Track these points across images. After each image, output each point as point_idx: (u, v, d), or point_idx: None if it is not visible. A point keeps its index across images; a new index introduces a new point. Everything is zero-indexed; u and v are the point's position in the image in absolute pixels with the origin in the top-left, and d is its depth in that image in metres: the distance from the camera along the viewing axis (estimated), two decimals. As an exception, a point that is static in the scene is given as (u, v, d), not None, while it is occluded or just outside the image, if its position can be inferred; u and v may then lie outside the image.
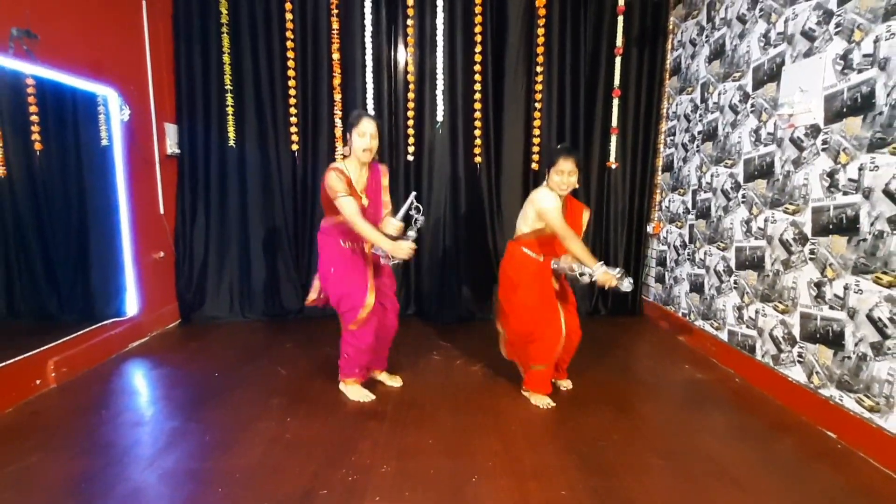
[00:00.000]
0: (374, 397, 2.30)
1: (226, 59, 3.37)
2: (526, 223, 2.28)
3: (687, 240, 3.22)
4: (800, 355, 2.22)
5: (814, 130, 2.15)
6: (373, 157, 2.19)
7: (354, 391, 2.33)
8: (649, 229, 3.67)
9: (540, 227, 2.24)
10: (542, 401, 2.26)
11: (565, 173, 2.14)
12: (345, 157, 2.35)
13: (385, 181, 2.30)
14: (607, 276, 2.09)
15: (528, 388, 2.33)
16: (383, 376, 2.51)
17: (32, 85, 2.38)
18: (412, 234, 2.12)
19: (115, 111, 2.83)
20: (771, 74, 2.44)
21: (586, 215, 2.34)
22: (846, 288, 1.97)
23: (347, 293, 2.20)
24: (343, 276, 2.21)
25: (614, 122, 3.60)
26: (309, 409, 2.18)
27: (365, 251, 2.26)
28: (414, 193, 2.18)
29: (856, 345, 1.92)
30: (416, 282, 3.71)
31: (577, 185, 2.20)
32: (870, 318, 1.86)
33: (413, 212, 2.15)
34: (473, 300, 3.67)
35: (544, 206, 2.16)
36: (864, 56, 1.91)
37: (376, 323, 2.25)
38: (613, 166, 3.66)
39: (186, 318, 3.49)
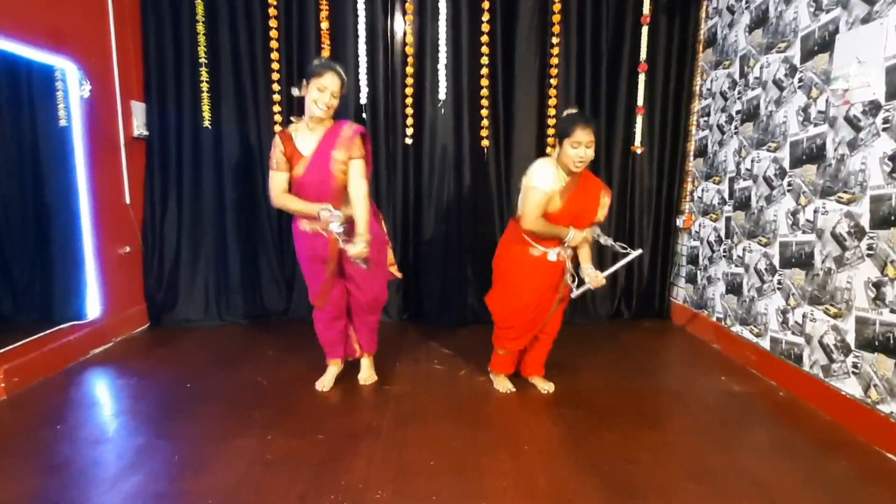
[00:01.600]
0: (326, 388, 2.48)
1: (200, 28, 3.33)
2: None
3: (723, 234, 3.18)
4: (855, 366, 2.17)
5: (873, 107, 2.10)
6: (329, 115, 2.19)
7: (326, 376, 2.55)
8: (679, 223, 3.62)
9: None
10: (502, 384, 2.50)
11: (582, 145, 2.09)
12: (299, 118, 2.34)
13: (346, 144, 2.15)
14: (580, 233, 2.22)
15: (491, 368, 2.58)
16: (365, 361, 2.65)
17: (-20, 56, 2.35)
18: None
19: (74, 87, 2.79)
20: (822, 44, 2.38)
21: (606, 199, 2.27)
22: (909, 288, 1.92)
23: (308, 283, 2.42)
24: (303, 266, 2.40)
25: (640, 101, 3.55)
26: (293, 424, 2.15)
27: (326, 237, 2.22)
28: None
29: (921, 353, 1.87)
30: (414, 279, 3.67)
31: (592, 158, 2.15)
32: (937, 322, 1.81)
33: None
34: (479, 300, 3.62)
35: (532, 184, 2.16)
36: (933, 20, 1.85)
37: (330, 314, 2.44)
38: (639, 151, 3.61)
39: (156, 320, 3.46)
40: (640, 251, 2.24)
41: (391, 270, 2.55)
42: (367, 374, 2.60)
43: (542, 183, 2.14)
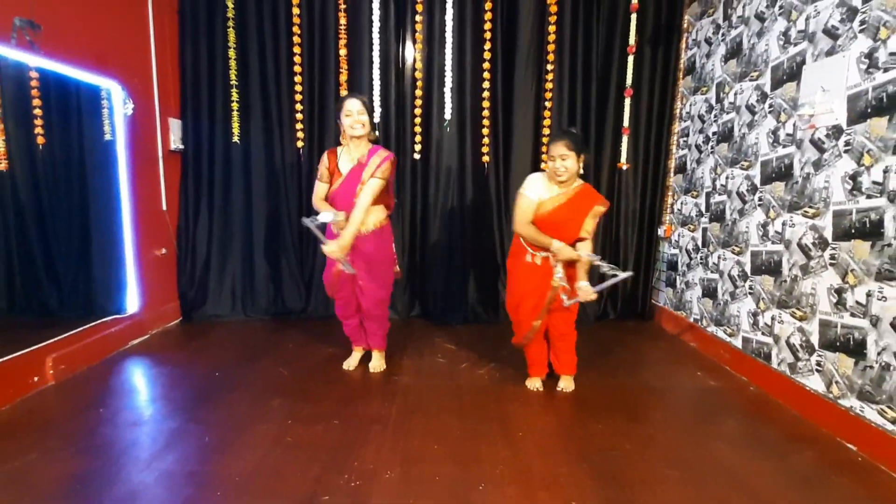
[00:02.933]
0: (351, 368, 2.61)
1: (231, 53, 3.36)
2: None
3: (700, 243, 3.17)
4: (818, 364, 2.17)
5: (836, 131, 2.10)
6: (365, 135, 2.29)
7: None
8: (660, 232, 3.62)
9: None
10: (531, 383, 2.47)
11: (556, 158, 2.14)
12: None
13: (372, 169, 2.27)
14: (567, 249, 2.19)
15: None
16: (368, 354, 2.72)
17: (36, 77, 2.37)
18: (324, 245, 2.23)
19: (118, 105, 2.82)
20: (791, 73, 2.39)
21: (597, 210, 2.23)
22: (869, 295, 1.91)
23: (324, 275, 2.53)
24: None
25: (626, 122, 3.55)
26: (311, 412, 2.15)
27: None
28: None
29: (879, 354, 1.87)
30: (420, 282, 3.67)
31: (575, 171, 2.17)
32: (894, 326, 1.81)
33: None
34: (480, 302, 3.63)
35: (521, 191, 2.24)
36: (891, 55, 1.86)
37: (340, 312, 2.57)
38: (625, 167, 3.61)
39: (188, 316, 3.47)
40: (630, 273, 2.21)
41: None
42: (376, 363, 2.64)
43: (530, 191, 2.23)
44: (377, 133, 3.45)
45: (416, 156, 3.52)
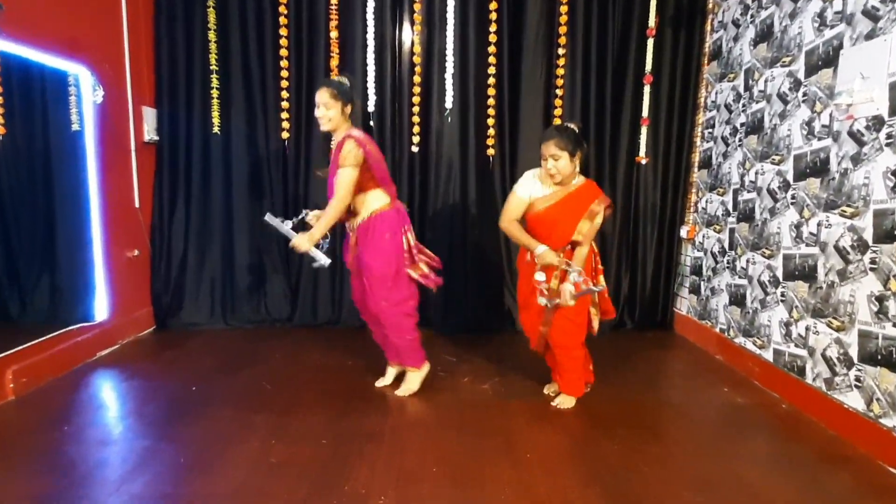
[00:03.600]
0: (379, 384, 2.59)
1: (211, 36, 3.38)
2: None
3: (727, 246, 3.18)
4: (857, 379, 2.17)
5: (876, 122, 2.10)
6: (335, 128, 2.33)
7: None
8: (683, 233, 3.62)
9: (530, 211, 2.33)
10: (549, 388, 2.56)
11: (547, 158, 2.19)
12: None
13: (342, 153, 2.25)
14: (550, 255, 2.23)
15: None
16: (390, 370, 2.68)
17: (-3, 61, 2.39)
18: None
19: (87, 92, 2.83)
20: (826, 59, 2.40)
21: (594, 209, 2.23)
22: (912, 302, 1.92)
23: None
24: None
25: (645, 112, 3.56)
26: (297, 429, 2.15)
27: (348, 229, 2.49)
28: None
29: (923, 368, 1.87)
30: (418, 287, 3.66)
31: (570, 171, 2.21)
32: (940, 337, 1.81)
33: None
34: (483, 308, 3.63)
35: (513, 189, 2.34)
36: (936, 38, 1.87)
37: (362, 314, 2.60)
38: (643, 161, 3.62)
39: (162, 323, 3.48)
40: (602, 287, 2.35)
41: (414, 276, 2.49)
42: (405, 385, 2.53)
43: (521, 190, 2.31)
44: (371, 123, 3.46)
45: (415, 148, 3.53)
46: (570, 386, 2.44)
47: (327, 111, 2.28)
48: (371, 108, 3.45)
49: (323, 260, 2.32)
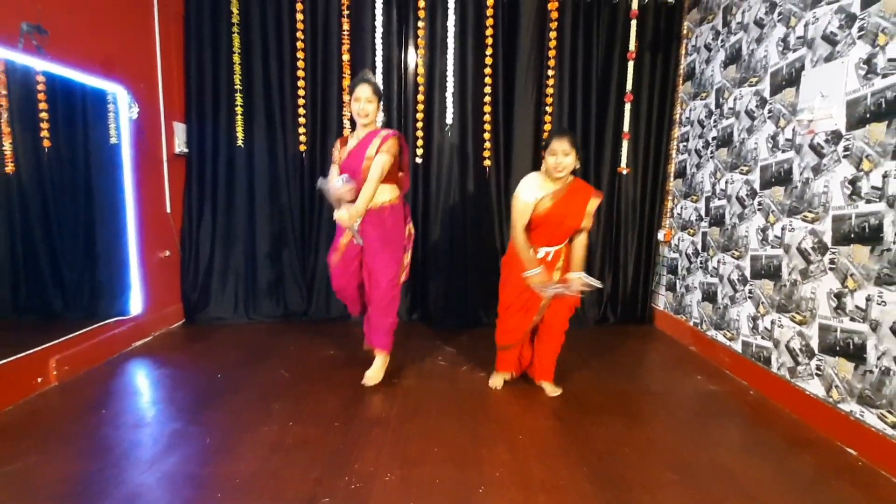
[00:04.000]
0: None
1: (236, 58, 3.37)
2: None
3: (699, 248, 3.16)
4: (818, 368, 2.15)
5: (835, 137, 2.09)
6: (371, 122, 2.33)
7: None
8: (660, 236, 3.61)
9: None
10: (495, 380, 2.48)
11: (558, 154, 2.12)
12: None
13: (376, 146, 2.28)
14: (543, 276, 2.19)
15: (496, 367, 2.52)
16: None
17: (42, 81, 2.38)
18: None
19: (124, 109, 2.82)
20: (790, 79, 2.39)
21: (593, 203, 2.23)
22: (868, 299, 1.90)
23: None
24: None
25: (626, 128, 3.55)
26: (312, 414, 2.14)
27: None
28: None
29: (878, 358, 1.86)
30: (421, 286, 3.67)
31: (575, 167, 2.16)
32: (894, 330, 1.79)
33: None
34: (480, 306, 3.62)
35: (516, 195, 2.21)
36: (889, 60, 1.86)
37: (340, 269, 2.48)
38: (625, 172, 3.61)
39: (190, 318, 3.47)
40: (600, 284, 2.30)
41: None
42: (373, 372, 2.46)
43: (524, 194, 2.20)
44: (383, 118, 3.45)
45: (418, 160, 3.52)
46: (551, 371, 2.43)
47: (368, 105, 2.27)
48: (378, 123, 3.43)
49: (358, 238, 2.29)
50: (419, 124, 3.48)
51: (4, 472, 1.67)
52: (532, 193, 2.20)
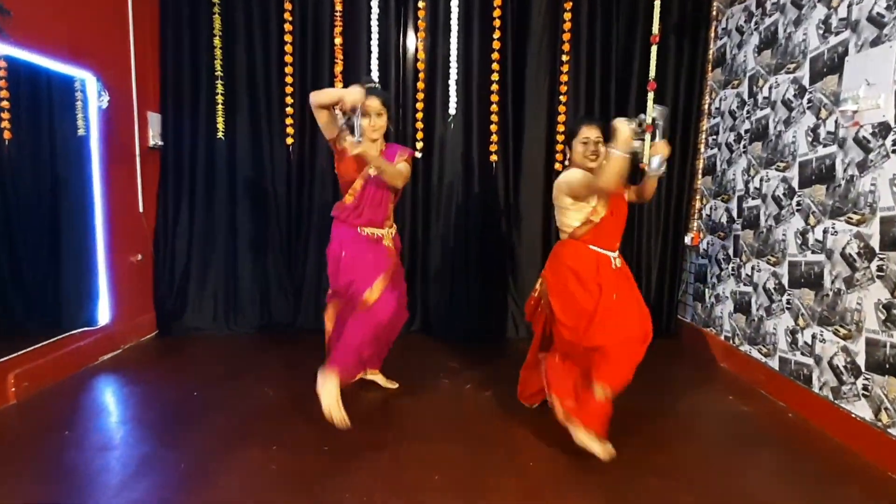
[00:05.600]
0: (348, 425, 2.07)
1: (216, 42, 3.39)
2: (569, 217, 2.14)
3: (731, 253, 3.16)
4: (865, 388, 2.14)
5: (882, 129, 2.09)
6: (379, 136, 2.28)
7: (331, 393, 2.08)
8: (687, 240, 3.60)
9: (589, 214, 2.09)
10: (599, 447, 1.95)
11: (591, 141, 2.10)
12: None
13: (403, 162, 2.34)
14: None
15: (586, 425, 1.99)
16: (379, 378, 2.61)
17: (3, 67, 2.40)
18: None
19: (93, 97, 2.84)
20: (832, 66, 2.39)
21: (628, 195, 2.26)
22: (921, 311, 1.89)
23: (360, 277, 2.24)
24: (355, 259, 2.28)
25: (649, 119, 3.53)
26: (299, 437, 2.14)
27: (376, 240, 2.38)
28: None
29: (933, 377, 1.84)
30: (421, 292, 3.66)
31: (604, 152, 2.05)
32: (950, 346, 1.78)
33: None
34: (486, 314, 3.61)
35: (567, 179, 2.06)
36: (943, 45, 1.85)
37: (394, 304, 2.25)
38: (647, 168, 3.60)
39: (165, 328, 3.47)
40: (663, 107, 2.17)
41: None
42: (388, 382, 2.64)
43: (576, 172, 2.07)
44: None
45: (418, 154, 3.52)
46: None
47: (379, 120, 2.20)
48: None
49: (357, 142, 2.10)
50: (419, 115, 3.49)
51: (-44, 498, 1.67)
52: (578, 171, 2.08)
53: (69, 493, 1.71)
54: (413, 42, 3.48)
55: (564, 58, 3.48)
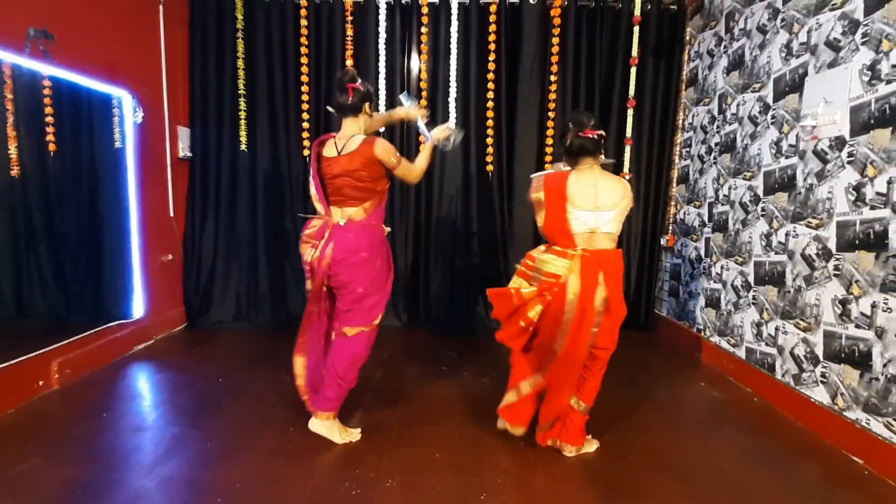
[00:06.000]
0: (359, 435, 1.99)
1: (240, 63, 3.39)
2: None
3: (703, 253, 3.15)
4: (823, 375, 2.14)
5: (839, 143, 2.09)
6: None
7: (337, 431, 1.95)
8: (663, 242, 3.60)
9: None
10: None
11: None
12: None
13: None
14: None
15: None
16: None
17: (48, 86, 2.40)
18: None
19: (128, 113, 2.84)
20: (793, 85, 2.39)
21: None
22: (874, 306, 1.89)
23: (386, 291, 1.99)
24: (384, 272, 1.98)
25: (629, 133, 3.55)
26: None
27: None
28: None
29: (884, 366, 1.84)
30: (424, 292, 3.66)
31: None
32: (899, 338, 1.78)
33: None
34: (483, 312, 3.61)
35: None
36: (893, 66, 1.85)
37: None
38: (627, 177, 3.60)
39: (192, 322, 3.47)
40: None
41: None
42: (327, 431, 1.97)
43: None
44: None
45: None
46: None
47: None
48: (381, 129, 3.44)
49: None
50: (422, 129, 3.48)
51: (6, 475, 1.66)
52: None
53: (106, 470, 1.71)
54: (417, 63, 3.48)
55: (553, 78, 3.48)
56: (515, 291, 1.81)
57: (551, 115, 3.51)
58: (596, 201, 1.73)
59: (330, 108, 2.04)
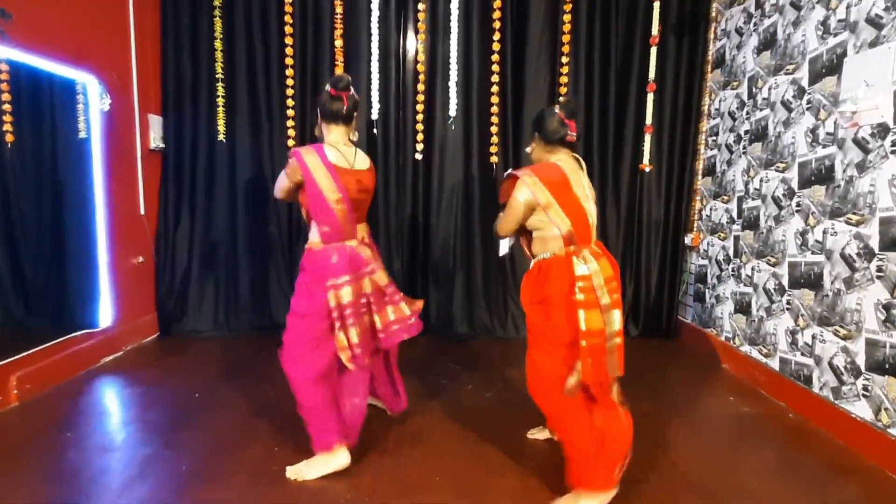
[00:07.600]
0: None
1: (217, 45, 3.41)
2: None
3: (731, 253, 3.16)
4: (865, 388, 2.14)
5: (881, 130, 2.10)
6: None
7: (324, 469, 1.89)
8: (687, 241, 3.61)
9: None
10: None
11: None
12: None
13: None
14: None
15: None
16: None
17: (5, 70, 2.41)
18: None
19: (94, 100, 2.86)
20: (830, 67, 2.39)
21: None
22: (920, 311, 1.90)
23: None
24: None
25: (649, 120, 3.56)
26: (300, 437, 2.12)
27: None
28: None
29: (932, 377, 1.85)
30: (422, 293, 3.67)
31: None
32: (949, 346, 1.79)
33: None
34: (486, 316, 3.62)
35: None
36: (941, 46, 1.86)
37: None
38: (647, 169, 3.61)
39: (166, 330, 3.48)
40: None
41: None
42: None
43: None
44: (375, 131, 3.47)
45: (418, 156, 3.54)
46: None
47: None
48: (375, 116, 3.47)
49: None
50: (419, 116, 3.50)
51: (-41, 500, 1.67)
52: None
53: (71, 494, 1.72)
54: (413, 44, 3.49)
55: (564, 59, 3.49)
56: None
57: (562, 100, 3.51)
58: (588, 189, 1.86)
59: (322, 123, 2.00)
